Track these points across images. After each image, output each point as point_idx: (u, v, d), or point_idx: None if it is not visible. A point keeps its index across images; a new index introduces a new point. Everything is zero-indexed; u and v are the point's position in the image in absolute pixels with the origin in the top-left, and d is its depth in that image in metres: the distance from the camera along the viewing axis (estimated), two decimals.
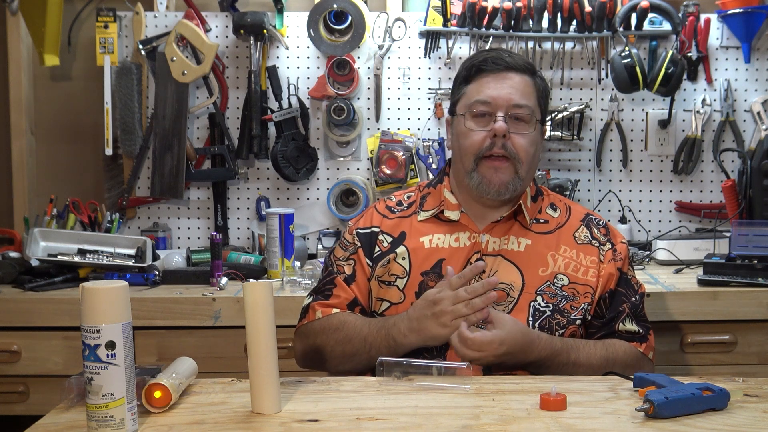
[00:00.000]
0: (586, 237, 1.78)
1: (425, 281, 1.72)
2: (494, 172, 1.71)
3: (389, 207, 1.84)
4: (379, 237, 1.79)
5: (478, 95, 1.72)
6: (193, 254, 2.53)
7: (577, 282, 1.73)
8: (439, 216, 1.79)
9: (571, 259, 1.75)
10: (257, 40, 2.69)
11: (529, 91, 1.74)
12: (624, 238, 1.84)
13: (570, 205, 1.85)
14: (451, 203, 1.78)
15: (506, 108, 1.71)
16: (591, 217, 1.83)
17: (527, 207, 1.78)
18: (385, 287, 1.75)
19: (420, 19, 2.71)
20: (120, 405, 1.25)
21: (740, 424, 1.29)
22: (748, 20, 2.65)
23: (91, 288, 1.25)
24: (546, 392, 1.37)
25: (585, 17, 2.61)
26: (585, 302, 1.73)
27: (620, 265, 1.78)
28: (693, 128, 2.74)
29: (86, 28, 2.81)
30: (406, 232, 1.79)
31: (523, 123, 1.72)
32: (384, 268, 1.76)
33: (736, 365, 2.18)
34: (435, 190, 1.83)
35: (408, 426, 1.30)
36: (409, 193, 1.87)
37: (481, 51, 1.85)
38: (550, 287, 1.71)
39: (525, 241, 1.75)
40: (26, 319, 2.21)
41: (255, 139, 2.71)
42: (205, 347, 2.19)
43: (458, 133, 1.76)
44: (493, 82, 1.72)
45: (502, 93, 1.71)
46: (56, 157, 2.87)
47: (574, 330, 1.72)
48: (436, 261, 1.74)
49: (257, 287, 1.36)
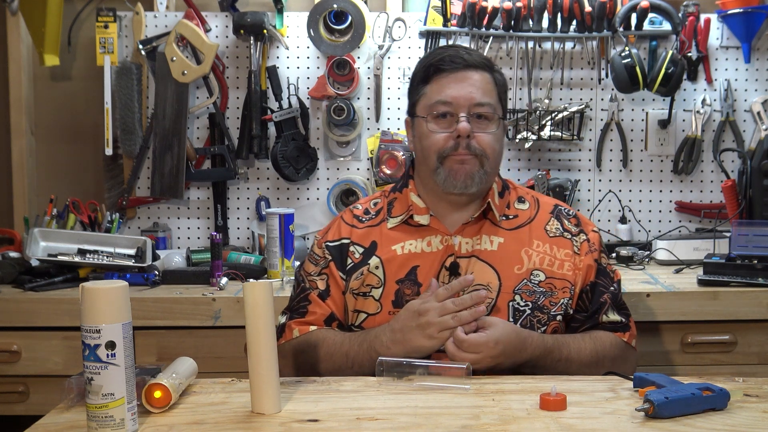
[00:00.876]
0: (558, 229, 1.77)
1: (401, 289, 1.71)
2: (460, 165, 1.69)
3: (357, 216, 1.82)
4: (350, 248, 1.77)
5: (438, 96, 1.70)
6: (193, 254, 2.53)
7: (553, 276, 1.72)
8: (409, 221, 1.77)
9: (546, 253, 1.74)
10: (257, 40, 2.69)
11: (490, 88, 1.72)
12: (595, 227, 1.83)
13: (537, 197, 1.84)
14: (419, 207, 1.76)
15: (468, 107, 1.69)
16: (560, 208, 1.82)
17: (495, 204, 1.76)
18: (361, 299, 1.73)
19: (420, 19, 2.71)
20: (120, 405, 1.25)
21: (740, 424, 1.29)
22: (748, 20, 2.65)
23: (91, 288, 1.25)
24: (546, 392, 1.37)
25: (585, 17, 2.61)
26: (564, 298, 1.72)
27: (596, 256, 1.77)
28: (693, 128, 2.74)
29: (86, 28, 2.81)
30: (376, 241, 1.76)
31: (486, 120, 1.71)
32: (358, 280, 1.74)
33: (736, 365, 2.18)
34: (401, 195, 1.80)
35: (408, 426, 1.30)
36: (375, 200, 1.85)
37: (437, 49, 1.80)
38: (527, 285, 1.70)
39: (497, 239, 1.74)
40: (26, 319, 2.21)
41: (255, 139, 2.71)
42: (205, 347, 2.19)
43: (420, 135, 1.73)
44: (452, 81, 1.70)
45: (462, 92, 1.69)
46: (56, 157, 2.87)
47: (556, 326, 1.71)
48: (411, 268, 1.72)
49: (257, 287, 1.36)
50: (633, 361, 1.79)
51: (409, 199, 1.78)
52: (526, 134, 2.72)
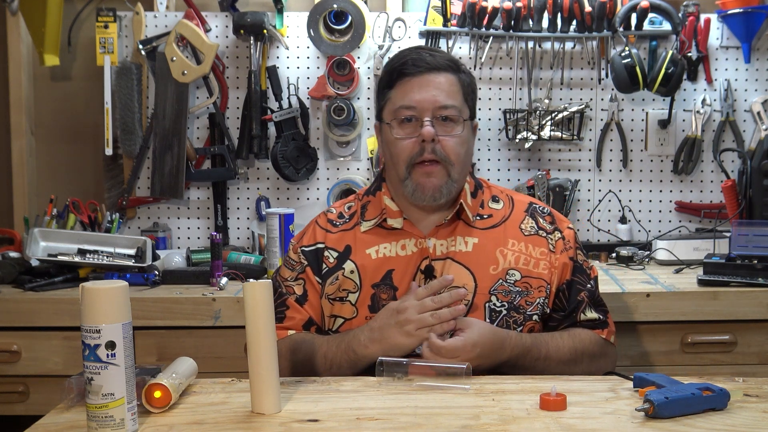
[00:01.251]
0: (533, 228, 1.77)
1: (377, 294, 1.71)
2: (427, 178, 1.68)
3: (331, 220, 1.81)
4: (324, 253, 1.77)
5: (402, 101, 1.69)
6: (193, 254, 2.53)
7: (529, 275, 1.72)
8: (383, 224, 1.76)
9: (521, 252, 1.73)
10: (257, 40, 2.69)
11: (455, 90, 1.70)
12: (570, 224, 1.82)
13: (512, 196, 1.83)
14: (392, 210, 1.75)
15: (432, 111, 1.67)
16: (535, 206, 1.81)
17: (468, 204, 1.75)
18: (337, 304, 1.73)
19: (420, 19, 2.71)
20: (120, 405, 1.25)
21: (740, 424, 1.29)
22: (748, 20, 2.65)
23: (91, 288, 1.25)
24: (546, 392, 1.37)
25: (585, 17, 2.61)
26: (540, 297, 1.71)
27: (572, 254, 1.77)
28: (693, 128, 2.74)
29: (86, 28, 2.81)
30: (351, 245, 1.76)
31: (451, 123, 1.69)
32: (334, 285, 1.73)
33: (736, 365, 2.18)
34: (375, 198, 1.80)
35: (408, 426, 1.30)
36: (349, 203, 1.84)
37: (401, 52, 1.76)
38: (503, 285, 1.70)
39: (472, 239, 1.73)
40: (26, 319, 2.21)
41: (255, 139, 2.71)
42: (205, 347, 2.19)
43: (388, 142, 1.73)
44: (416, 85, 1.68)
45: (426, 96, 1.67)
46: (56, 157, 2.87)
47: (532, 325, 1.71)
48: (386, 272, 1.72)
49: (257, 287, 1.36)
50: (613, 356, 1.79)
51: (382, 202, 1.77)
52: (526, 134, 2.72)
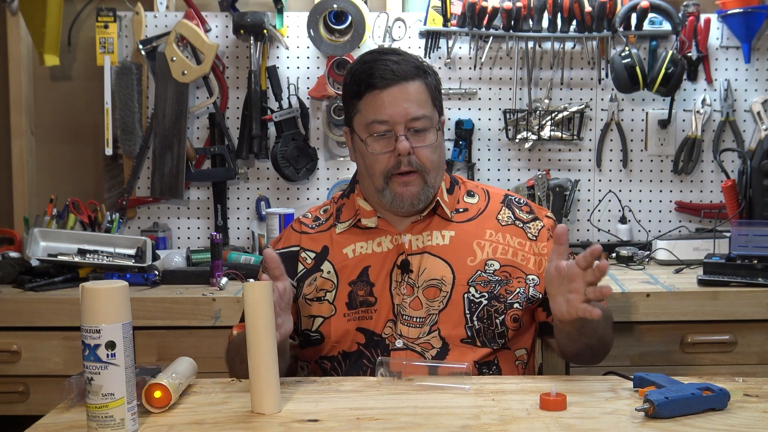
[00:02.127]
0: (510, 218, 1.77)
1: (354, 291, 1.71)
2: (404, 187, 1.69)
3: (305, 224, 1.82)
4: (301, 255, 1.77)
5: (374, 116, 1.68)
6: (193, 254, 2.53)
7: (508, 264, 1.72)
8: (358, 224, 1.77)
9: (498, 242, 1.74)
10: (257, 40, 2.69)
11: (423, 98, 1.69)
12: (549, 212, 1.83)
13: (487, 189, 1.84)
14: (366, 211, 1.76)
15: (405, 123, 1.67)
16: (511, 197, 1.82)
17: (445, 201, 1.76)
18: (315, 304, 1.73)
19: (420, 19, 2.71)
20: (120, 405, 1.25)
21: (740, 424, 1.29)
22: (748, 20, 2.65)
23: (91, 288, 1.25)
24: (546, 392, 1.37)
25: (585, 17, 2.61)
26: (519, 287, 1.71)
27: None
28: (693, 128, 2.74)
29: (86, 28, 2.81)
30: (328, 245, 1.76)
31: (424, 132, 1.69)
32: (312, 287, 1.74)
33: (736, 365, 2.18)
34: (349, 200, 1.81)
35: (408, 426, 1.30)
36: (325, 207, 1.86)
37: (365, 58, 1.73)
38: (481, 276, 1.70)
39: (448, 233, 1.74)
40: (26, 319, 2.21)
41: (255, 139, 2.71)
42: (205, 347, 2.19)
43: (362, 154, 1.73)
44: (386, 99, 1.67)
45: (397, 110, 1.66)
46: (56, 157, 2.87)
47: (515, 314, 1.70)
48: (362, 269, 1.72)
49: (257, 287, 1.36)
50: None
51: (356, 203, 1.78)
52: (526, 134, 2.72)
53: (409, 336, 1.67)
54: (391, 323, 1.68)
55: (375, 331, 1.68)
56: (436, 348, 1.67)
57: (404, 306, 1.68)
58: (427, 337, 1.67)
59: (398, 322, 1.68)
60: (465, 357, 1.65)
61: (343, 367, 1.70)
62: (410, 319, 1.68)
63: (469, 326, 1.68)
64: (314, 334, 1.72)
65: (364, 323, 1.69)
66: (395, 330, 1.68)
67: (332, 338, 1.70)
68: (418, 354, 1.66)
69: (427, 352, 1.66)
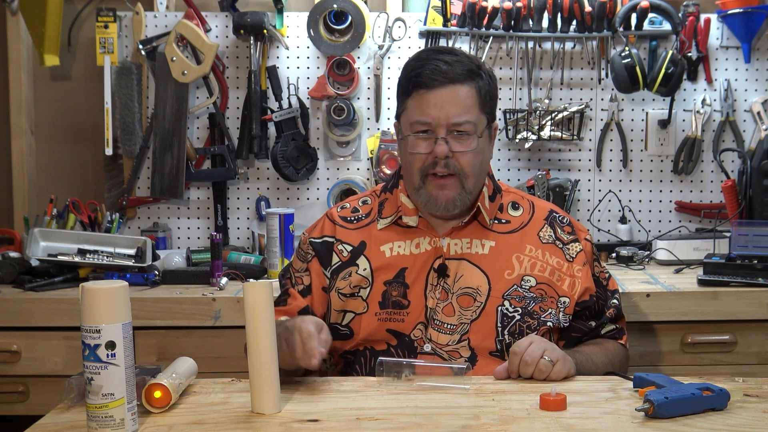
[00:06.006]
0: (551, 237, 1.77)
1: (388, 291, 1.71)
2: (440, 190, 1.68)
3: (343, 216, 1.81)
4: (337, 246, 1.77)
5: (418, 116, 1.67)
6: (193, 254, 2.53)
7: (544, 282, 1.71)
8: (398, 222, 1.76)
9: (537, 259, 1.73)
10: (257, 40, 2.69)
11: (470, 103, 1.67)
12: (588, 234, 1.83)
13: (533, 202, 1.82)
14: (408, 208, 1.75)
15: (446, 126, 1.66)
16: (555, 215, 1.80)
17: (486, 207, 1.75)
18: (347, 299, 1.73)
19: (420, 19, 2.71)
20: (120, 405, 1.25)
21: (740, 424, 1.29)
22: (748, 20, 2.65)
23: (91, 288, 1.25)
24: (546, 392, 1.37)
25: (585, 17, 2.61)
26: (552, 308, 1.71)
27: (592, 269, 1.78)
28: (693, 128, 2.74)
29: (86, 28, 2.81)
30: (366, 241, 1.76)
31: (466, 136, 1.67)
32: (345, 281, 1.73)
33: (736, 365, 2.18)
34: (392, 195, 1.79)
35: (408, 426, 1.30)
36: (365, 198, 1.84)
37: (419, 56, 1.72)
38: (517, 290, 1.69)
39: (489, 242, 1.73)
40: (26, 319, 2.21)
41: (255, 139, 2.71)
42: (205, 347, 2.19)
43: (404, 150, 1.72)
44: (431, 100, 1.65)
45: (441, 113, 1.65)
46: (56, 157, 2.87)
47: (545, 331, 1.70)
48: (399, 270, 1.72)
49: (257, 287, 1.36)
50: (628, 358, 1.83)
51: (398, 199, 1.77)
52: (526, 134, 2.72)
53: (439, 342, 1.67)
54: (421, 326, 1.68)
55: (404, 332, 1.68)
56: (464, 357, 1.66)
57: (437, 311, 1.68)
58: (456, 346, 1.66)
59: (429, 326, 1.67)
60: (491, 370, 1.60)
61: (370, 364, 1.70)
62: (441, 325, 1.67)
63: (500, 339, 1.67)
64: (343, 329, 1.73)
65: (393, 325, 1.69)
66: (425, 333, 1.67)
67: (360, 335, 1.71)
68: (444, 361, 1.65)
69: (455, 360, 1.65)
